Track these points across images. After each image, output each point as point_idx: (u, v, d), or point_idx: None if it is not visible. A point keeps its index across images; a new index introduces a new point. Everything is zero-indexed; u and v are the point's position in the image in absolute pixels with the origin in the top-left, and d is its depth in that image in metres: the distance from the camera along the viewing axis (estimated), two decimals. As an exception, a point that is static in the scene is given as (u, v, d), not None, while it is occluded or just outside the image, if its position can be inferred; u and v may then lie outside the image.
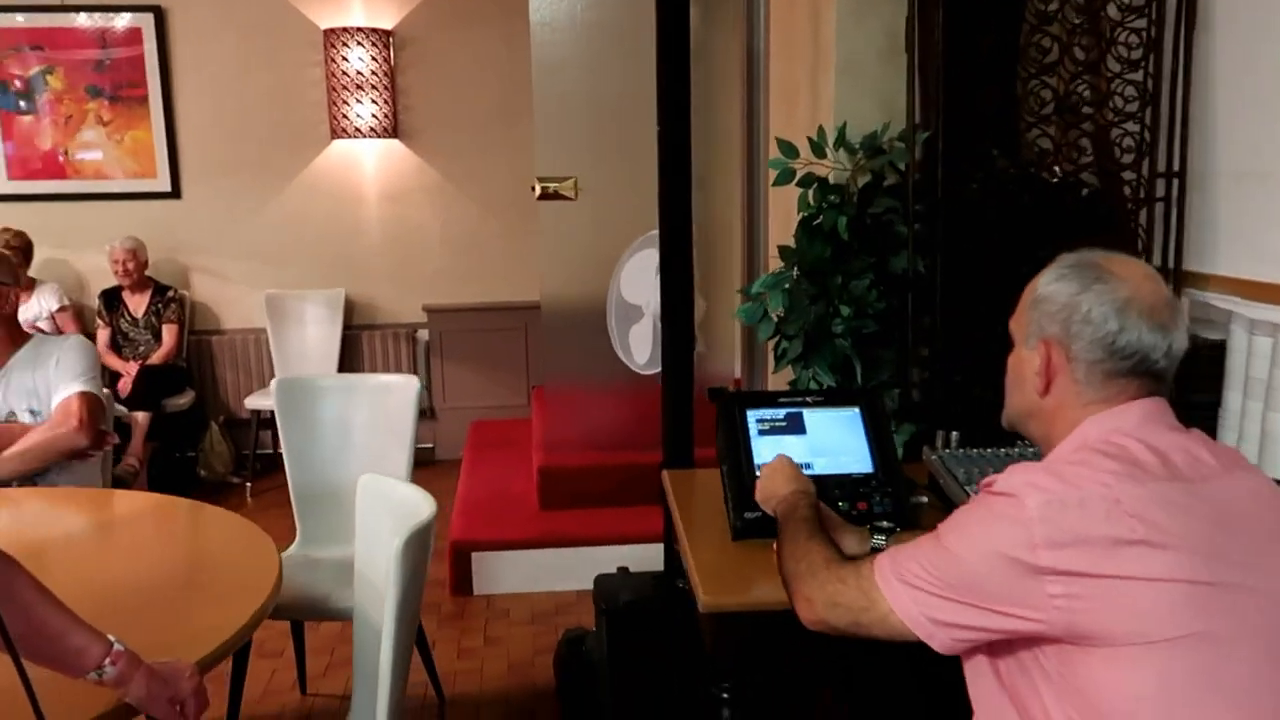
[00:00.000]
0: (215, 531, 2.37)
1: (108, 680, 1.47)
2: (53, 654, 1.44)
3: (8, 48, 5.20)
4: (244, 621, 1.81)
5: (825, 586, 1.39)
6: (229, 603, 1.88)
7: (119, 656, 1.48)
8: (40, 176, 5.34)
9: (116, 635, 1.50)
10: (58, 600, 1.47)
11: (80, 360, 2.78)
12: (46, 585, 1.47)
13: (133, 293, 5.19)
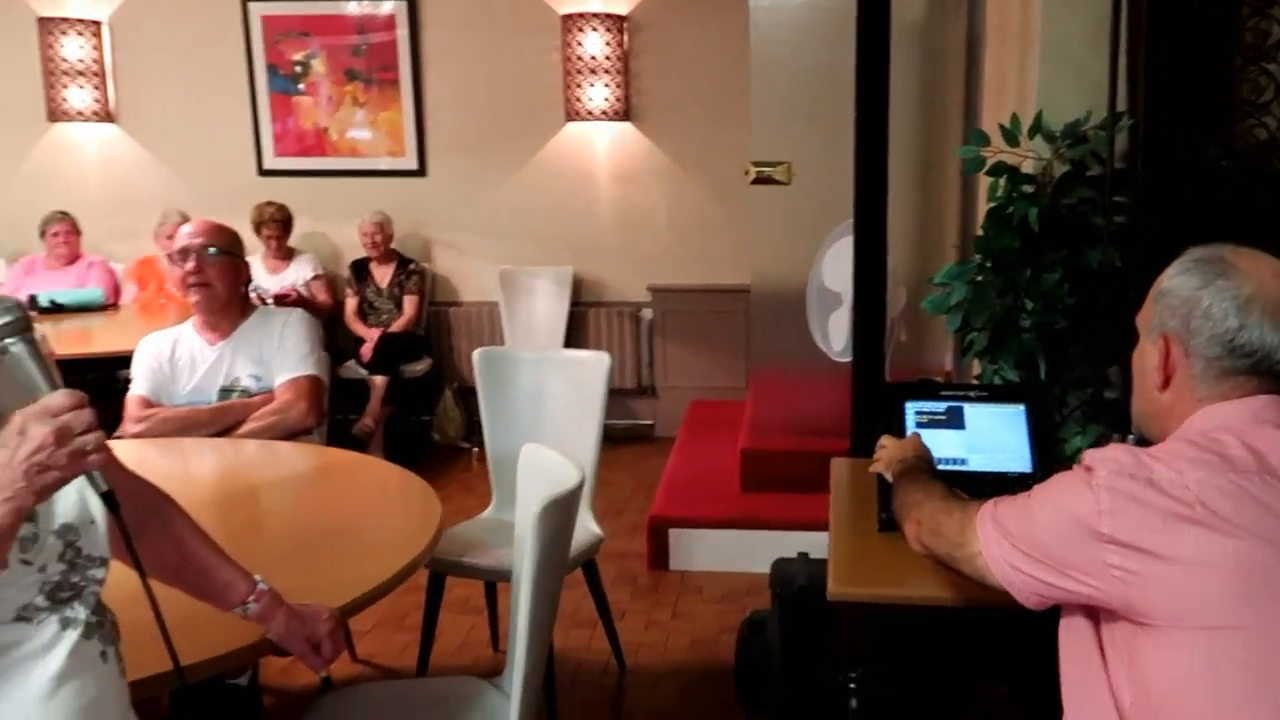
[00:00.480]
0: (394, 492, 2.49)
1: (251, 615, 1.57)
2: (204, 587, 1.56)
3: (282, 34, 5.69)
4: (387, 576, 1.87)
5: (935, 515, 1.51)
6: (381, 557, 1.97)
7: (262, 595, 1.58)
8: (303, 154, 5.82)
9: (279, 577, 1.60)
10: (210, 539, 1.59)
11: (306, 339, 2.98)
12: (235, 527, 1.58)
13: (379, 264, 5.57)
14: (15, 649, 1.18)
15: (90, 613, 1.27)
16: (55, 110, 5.60)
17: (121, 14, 5.72)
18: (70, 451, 1.11)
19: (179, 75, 5.75)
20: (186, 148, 5.82)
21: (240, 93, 5.73)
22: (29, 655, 1.19)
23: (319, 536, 2.14)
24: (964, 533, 1.42)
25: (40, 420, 1.11)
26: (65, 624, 1.23)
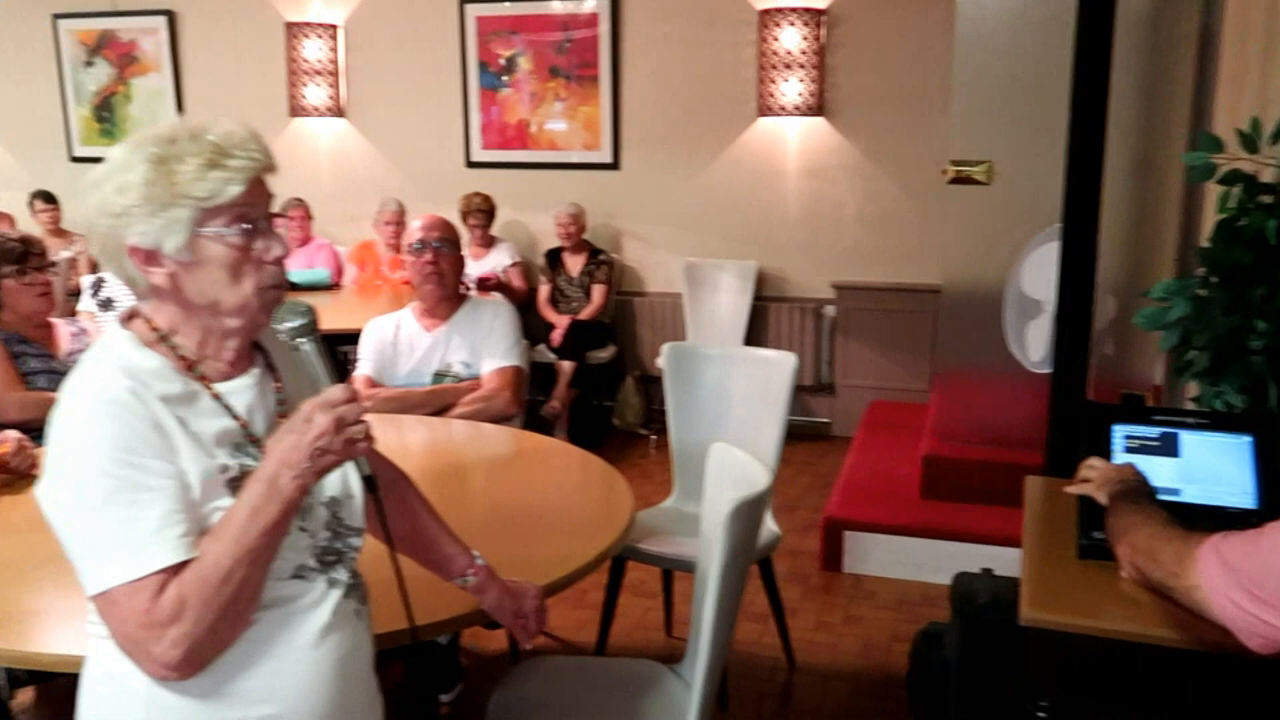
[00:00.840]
0: (588, 478, 2.63)
1: (469, 587, 1.73)
2: (429, 558, 1.72)
3: (492, 33, 5.96)
4: (588, 559, 2.01)
5: (1152, 541, 1.48)
6: (580, 541, 2.10)
7: (480, 569, 1.73)
8: (508, 146, 6.08)
9: (483, 552, 1.75)
10: (436, 513, 1.75)
11: (513, 331, 3.18)
12: (444, 501, 1.75)
13: (571, 254, 5.78)
14: (293, 602, 1.35)
15: (350, 575, 1.44)
16: (295, 106, 6.07)
17: (355, 18, 6.13)
18: (345, 439, 1.28)
19: (400, 73, 6.12)
20: (404, 140, 6.19)
21: (453, 89, 6.04)
22: (303, 609, 1.36)
23: (521, 515, 2.30)
24: (1182, 563, 1.39)
25: (323, 410, 1.27)
26: (331, 584, 1.40)
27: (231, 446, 1.33)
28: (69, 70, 6.75)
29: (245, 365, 1.39)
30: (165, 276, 1.30)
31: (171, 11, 6.44)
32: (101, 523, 1.22)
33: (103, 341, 1.34)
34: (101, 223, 1.29)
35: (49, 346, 3.12)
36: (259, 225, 1.32)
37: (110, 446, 1.22)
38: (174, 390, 1.30)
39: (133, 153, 1.28)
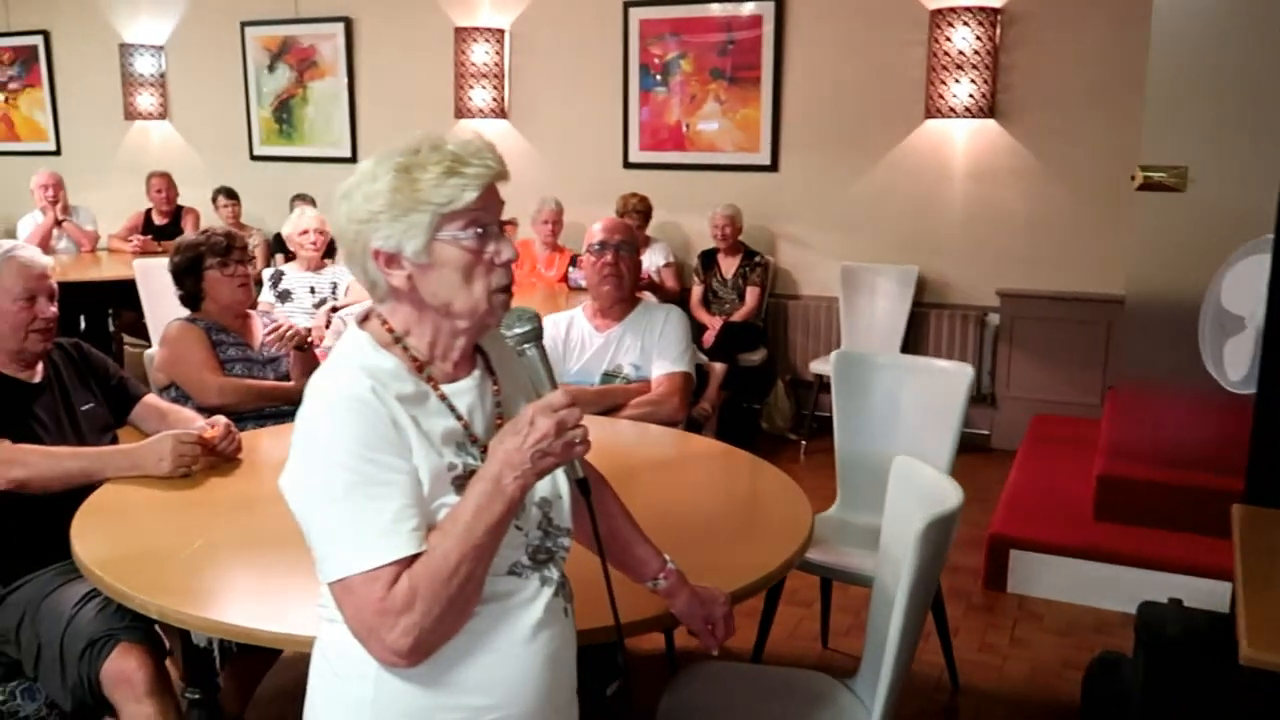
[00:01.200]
0: (762, 483, 2.61)
1: (660, 591, 1.74)
2: (622, 559, 1.73)
3: (653, 36, 6.01)
4: (772, 569, 1.99)
5: None
6: (763, 548, 2.09)
7: (671, 574, 1.74)
8: (664, 148, 6.11)
9: (671, 556, 1.75)
10: (631, 516, 1.77)
11: (685, 337, 3.20)
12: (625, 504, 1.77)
13: (726, 255, 5.77)
14: (509, 598, 1.41)
15: (560, 574, 1.49)
16: (461, 108, 6.26)
17: (521, 22, 6.28)
18: (565, 442, 1.33)
19: (562, 76, 6.24)
20: (563, 142, 6.30)
21: (613, 91, 6.12)
22: (518, 605, 1.41)
23: (698, 520, 2.30)
24: None
25: (545, 414, 1.33)
26: (543, 582, 1.45)
27: (455, 446, 1.39)
28: (253, 74, 7.12)
29: (468, 368, 1.46)
30: (404, 278, 1.38)
31: (349, 18, 6.72)
32: (342, 514, 1.29)
33: (344, 344, 1.43)
34: (350, 228, 1.38)
35: (245, 336, 3.29)
36: (490, 230, 1.39)
37: (353, 442, 1.30)
38: (408, 390, 1.37)
39: (380, 164, 1.36)
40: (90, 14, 7.53)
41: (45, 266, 2.51)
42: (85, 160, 7.72)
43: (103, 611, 2.19)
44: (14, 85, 8.04)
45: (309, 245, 4.88)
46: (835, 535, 3.07)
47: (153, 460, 2.37)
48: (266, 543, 2.08)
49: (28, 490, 2.33)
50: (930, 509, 1.95)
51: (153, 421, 2.71)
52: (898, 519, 2.21)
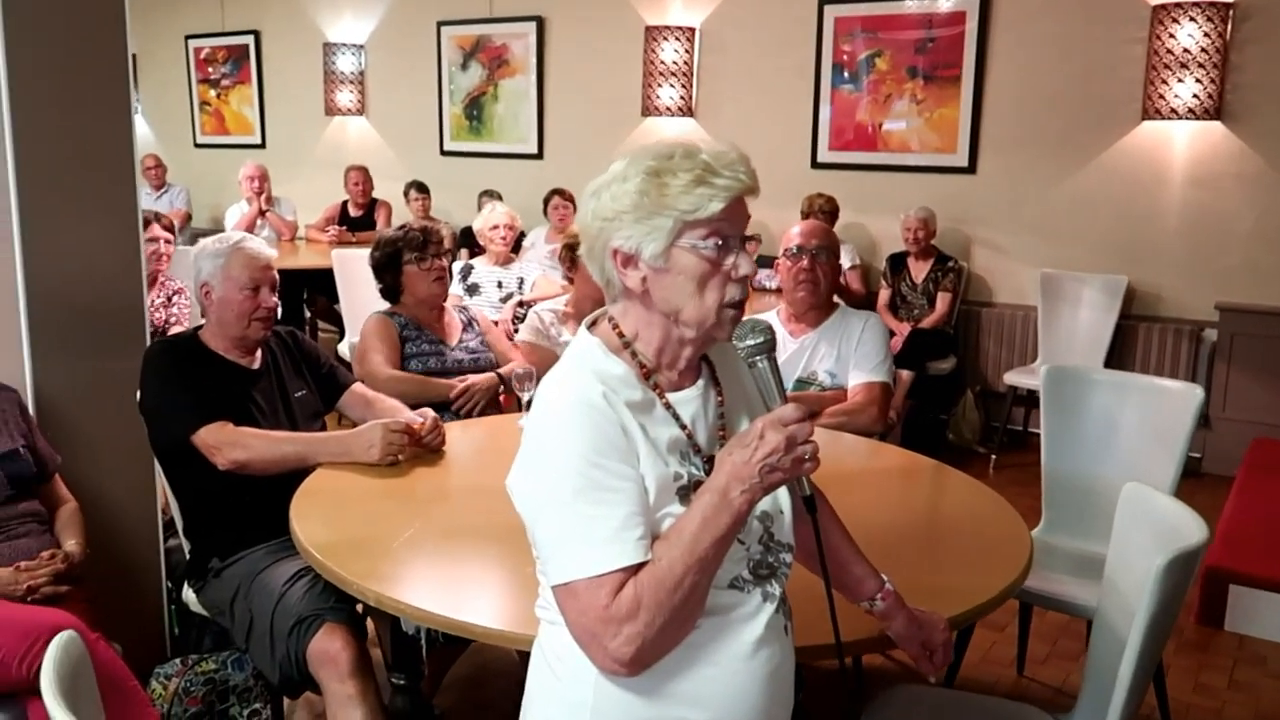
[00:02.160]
0: (960, 497, 2.48)
1: (876, 612, 1.66)
2: (839, 578, 1.66)
3: (846, 33, 5.86)
4: (993, 594, 1.87)
5: None
6: (978, 570, 1.97)
7: (888, 595, 1.66)
8: (853, 148, 5.96)
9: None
10: (848, 533, 1.69)
11: (883, 346, 3.07)
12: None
13: (917, 259, 5.57)
14: (730, 612, 1.38)
15: (781, 590, 1.45)
16: (648, 106, 6.28)
17: (712, 20, 6.24)
18: (794, 458, 1.29)
19: (751, 74, 6.16)
20: (749, 140, 6.09)
21: (803, 90, 6.00)
22: (738, 620, 1.38)
23: (907, 537, 2.19)
24: None
25: (775, 428, 1.29)
26: (765, 598, 1.41)
27: (680, 455, 1.38)
28: (446, 72, 7.34)
29: (693, 377, 1.45)
30: (638, 280, 1.37)
31: (541, 17, 6.84)
32: (570, 518, 1.29)
33: (575, 347, 1.44)
34: (594, 225, 1.38)
35: (439, 332, 3.36)
36: (731, 242, 1.37)
37: (584, 447, 1.30)
38: (636, 397, 1.37)
39: (631, 165, 1.36)
40: (298, 14, 7.93)
41: (269, 258, 2.62)
42: (287, 153, 8.14)
43: (310, 591, 2.27)
44: (226, 82, 8.55)
45: (498, 240, 4.97)
46: (1041, 559, 2.88)
47: (362, 447, 2.44)
48: (472, 534, 2.11)
49: (246, 471, 2.43)
50: (1171, 544, 1.80)
51: (359, 409, 2.80)
52: (1129, 551, 2.05)
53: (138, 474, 2.87)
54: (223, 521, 2.50)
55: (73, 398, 2.76)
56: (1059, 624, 3.45)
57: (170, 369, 2.52)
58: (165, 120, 8.93)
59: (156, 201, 7.82)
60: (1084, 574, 2.75)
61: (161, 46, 8.68)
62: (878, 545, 1.75)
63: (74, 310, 2.75)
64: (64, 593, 2.28)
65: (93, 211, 2.79)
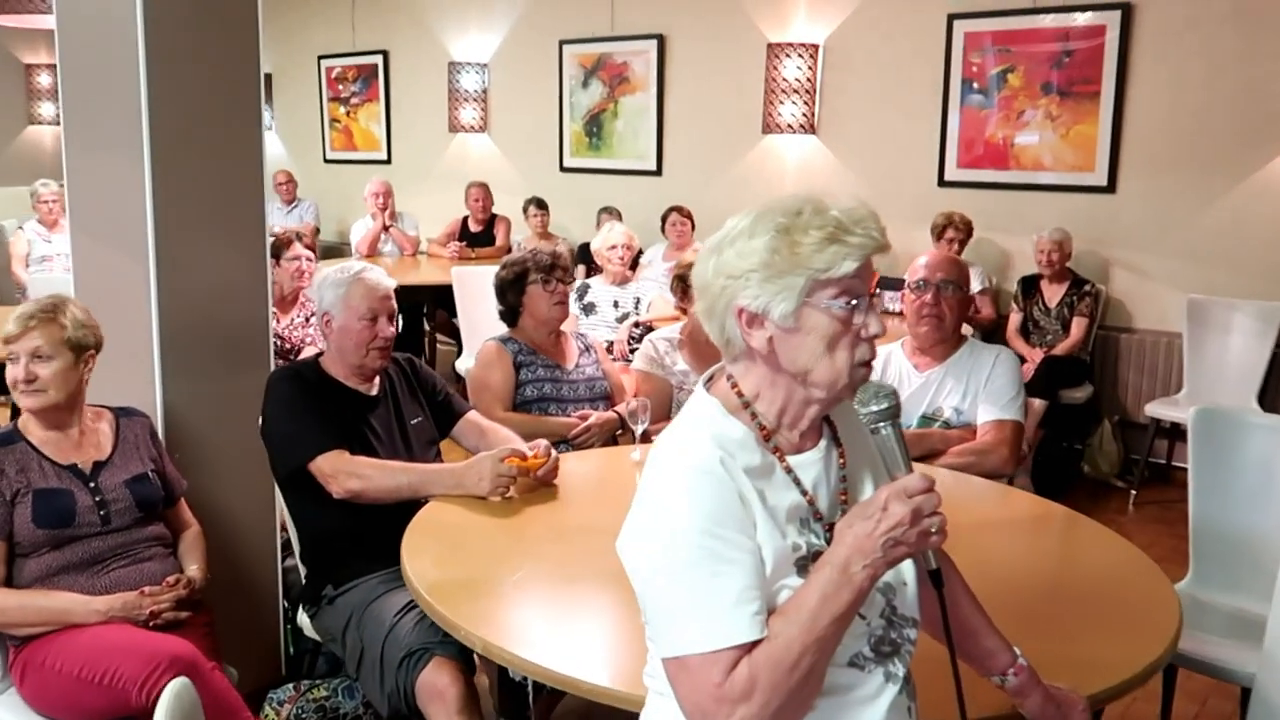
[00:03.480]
0: (1098, 552, 2.31)
1: (1008, 688, 1.55)
2: (968, 651, 1.55)
3: (980, 48, 5.65)
4: (1137, 670, 1.73)
5: None
6: (1119, 639, 1.82)
7: (1021, 670, 1.55)
8: (982, 165, 5.74)
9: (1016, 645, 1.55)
10: (978, 602, 1.58)
11: (1015, 382, 2.90)
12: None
13: (1050, 282, 5.31)
14: (849, 692, 1.31)
15: (904, 669, 1.36)
16: (770, 123, 6.18)
17: (836, 36, 6.11)
18: (920, 531, 1.23)
19: (877, 91, 6.01)
20: (874, 158, 6.07)
21: (930, 106, 5.82)
22: (858, 701, 1.31)
23: (1039, 598, 2.04)
24: None
25: (900, 500, 1.23)
26: (887, 677, 1.33)
27: (799, 523, 1.33)
28: (567, 90, 7.38)
29: (815, 439, 1.40)
30: (764, 340, 1.33)
31: (662, 35, 6.81)
32: (683, 589, 1.24)
33: (692, 408, 1.39)
34: (716, 282, 1.34)
35: (556, 357, 3.33)
36: (862, 302, 1.32)
37: (701, 515, 1.25)
38: (755, 462, 1.32)
39: (758, 221, 1.32)
40: (425, 34, 8.09)
41: (388, 289, 2.63)
42: (412, 169, 8.32)
43: (420, 624, 2.25)
44: (355, 100, 8.79)
45: (616, 260, 4.95)
46: (1190, 617, 2.64)
47: (473, 480, 2.42)
48: (584, 578, 2.06)
49: (361, 500, 2.44)
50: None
51: (472, 438, 2.79)
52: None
53: (259, 496, 2.92)
54: (337, 549, 2.52)
55: (199, 418, 2.82)
56: (1207, 685, 3.21)
57: (291, 396, 2.55)
58: (296, 137, 9.23)
59: (287, 216, 8.09)
60: (1239, 635, 2.55)
61: (295, 66, 8.98)
62: (1008, 608, 1.64)
63: (202, 330, 2.82)
64: (185, 618, 2.32)
65: (223, 231, 2.85)
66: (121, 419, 2.50)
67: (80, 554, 2.29)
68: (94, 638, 2.18)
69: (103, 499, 2.33)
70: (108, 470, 2.38)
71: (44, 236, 6.83)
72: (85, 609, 2.22)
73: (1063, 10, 5.39)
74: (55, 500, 2.27)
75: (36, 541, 2.25)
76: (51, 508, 2.26)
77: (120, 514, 2.34)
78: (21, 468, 2.28)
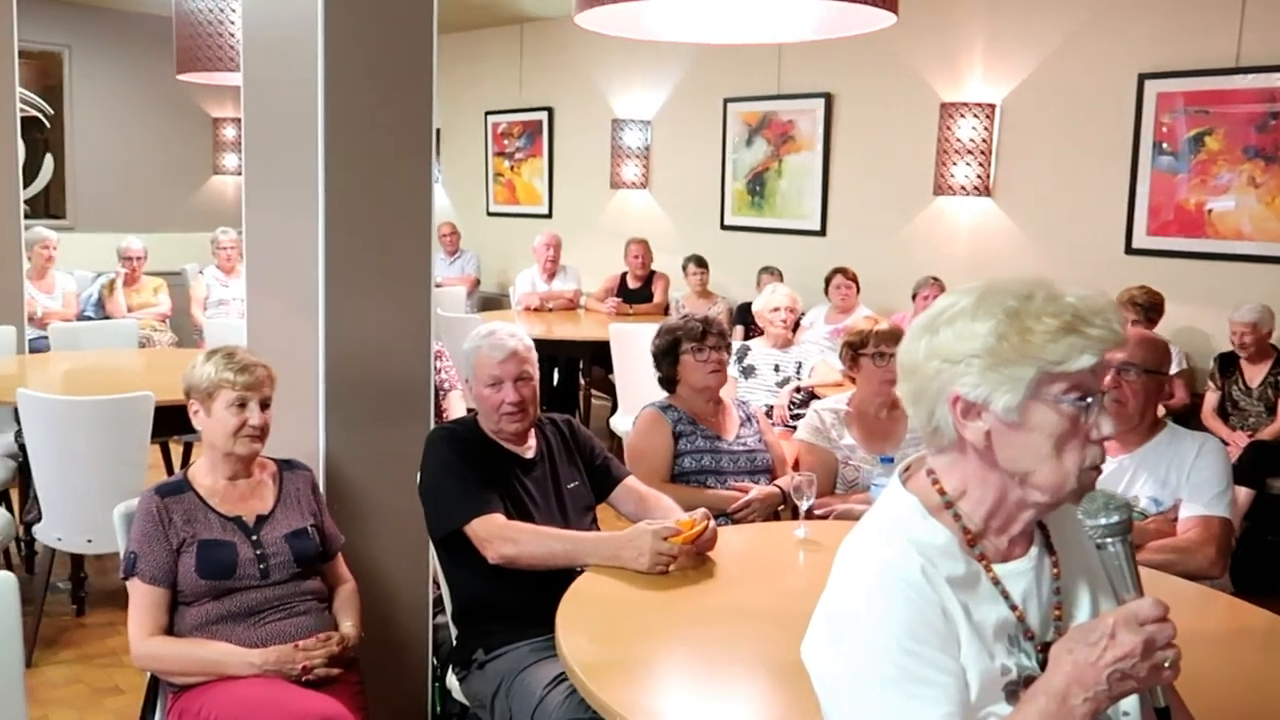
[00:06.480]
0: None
1: None
2: None
3: (1174, 110, 5.31)
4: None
5: None
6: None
7: None
8: (1173, 232, 5.37)
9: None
10: None
11: (1223, 475, 2.62)
12: None
13: (1251, 362, 4.89)
14: None
15: None
16: (941, 184, 5.98)
17: (1015, 95, 5.88)
18: (1152, 665, 1.10)
19: (1057, 153, 5.73)
20: (1053, 222, 5.78)
21: (1116, 170, 5.50)
22: None
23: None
24: None
25: (1129, 627, 1.10)
26: None
27: (1007, 641, 1.19)
28: (730, 148, 7.35)
29: (1025, 545, 1.26)
30: (981, 434, 1.20)
31: (829, 94, 6.71)
32: (874, 710, 1.13)
33: (887, 506, 1.27)
34: (929, 365, 1.22)
35: (716, 427, 3.22)
36: (1096, 400, 1.19)
37: (897, 630, 1.13)
38: (958, 571, 1.20)
39: (983, 301, 1.20)
40: (590, 92, 8.22)
41: (512, 349, 2.56)
42: (572, 223, 8.42)
43: (570, 698, 2.15)
44: (520, 155, 8.99)
45: (779, 323, 4.81)
46: None
47: (631, 555, 2.31)
48: (745, 666, 1.94)
49: (514, 566, 2.38)
50: None
51: (630, 504, 2.70)
52: None
53: (414, 553, 2.90)
54: (490, 614, 2.47)
55: (358, 471, 2.82)
56: None
57: (449, 457, 2.52)
58: (461, 189, 9.50)
59: (450, 267, 8.30)
60: None
61: (462, 120, 9.26)
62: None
63: (366, 382, 2.83)
64: (336, 675, 2.29)
65: (390, 285, 2.87)
66: (285, 471, 2.51)
67: (239, 605, 2.29)
68: (247, 691, 2.17)
69: (263, 552, 2.33)
70: (269, 524, 2.38)
71: (222, 281, 7.19)
72: (240, 660, 2.21)
73: (1269, 70, 5.01)
74: (219, 552, 2.29)
75: (198, 591, 2.27)
76: (215, 559, 2.28)
77: (279, 568, 2.34)
78: (189, 518, 2.31)
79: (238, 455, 2.37)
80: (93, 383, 4.26)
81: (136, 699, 3.32)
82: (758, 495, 3.07)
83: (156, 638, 2.24)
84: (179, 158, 9.12)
